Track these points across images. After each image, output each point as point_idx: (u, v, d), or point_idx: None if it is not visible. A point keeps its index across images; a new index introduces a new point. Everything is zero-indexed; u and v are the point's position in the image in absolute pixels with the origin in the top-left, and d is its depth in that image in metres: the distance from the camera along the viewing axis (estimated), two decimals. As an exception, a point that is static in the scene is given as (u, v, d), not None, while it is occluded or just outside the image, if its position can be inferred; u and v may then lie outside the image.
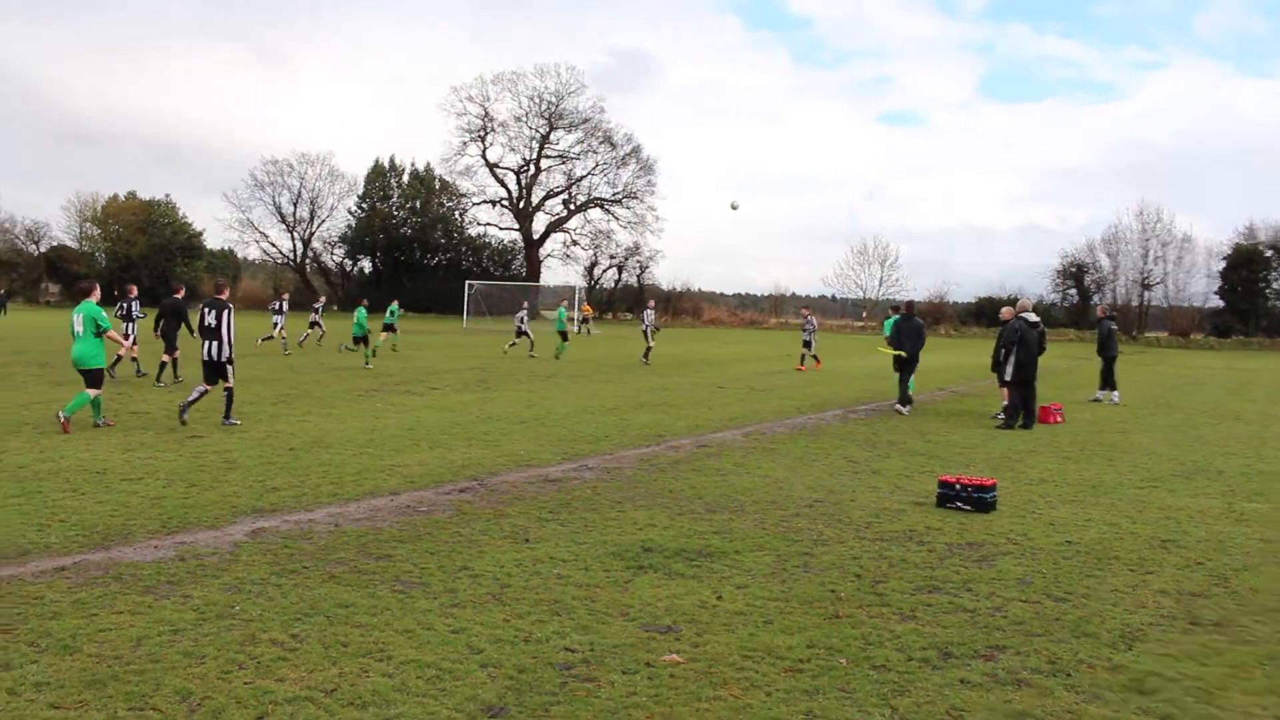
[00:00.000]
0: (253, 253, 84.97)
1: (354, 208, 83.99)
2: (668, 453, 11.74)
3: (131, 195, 79.52)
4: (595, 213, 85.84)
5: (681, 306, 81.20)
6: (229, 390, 13.18)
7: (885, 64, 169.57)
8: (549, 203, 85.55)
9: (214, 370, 13.19)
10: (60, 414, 11.99)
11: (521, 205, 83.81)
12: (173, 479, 9.13)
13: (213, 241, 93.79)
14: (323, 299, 31.28)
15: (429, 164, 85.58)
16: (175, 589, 5.91)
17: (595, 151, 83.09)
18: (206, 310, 13.25)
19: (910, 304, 18.17)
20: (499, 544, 7.15)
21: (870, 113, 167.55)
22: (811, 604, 6.02)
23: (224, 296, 13.45)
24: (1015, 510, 8.95)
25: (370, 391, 17.69)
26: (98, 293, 12.79)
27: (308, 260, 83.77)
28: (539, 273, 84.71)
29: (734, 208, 46.98)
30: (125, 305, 19.68)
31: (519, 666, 4.90)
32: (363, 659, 4.92)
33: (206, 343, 13.16)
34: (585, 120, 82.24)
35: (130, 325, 19.56)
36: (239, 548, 6.84)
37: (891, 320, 18.82)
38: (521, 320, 31.56)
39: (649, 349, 30.01)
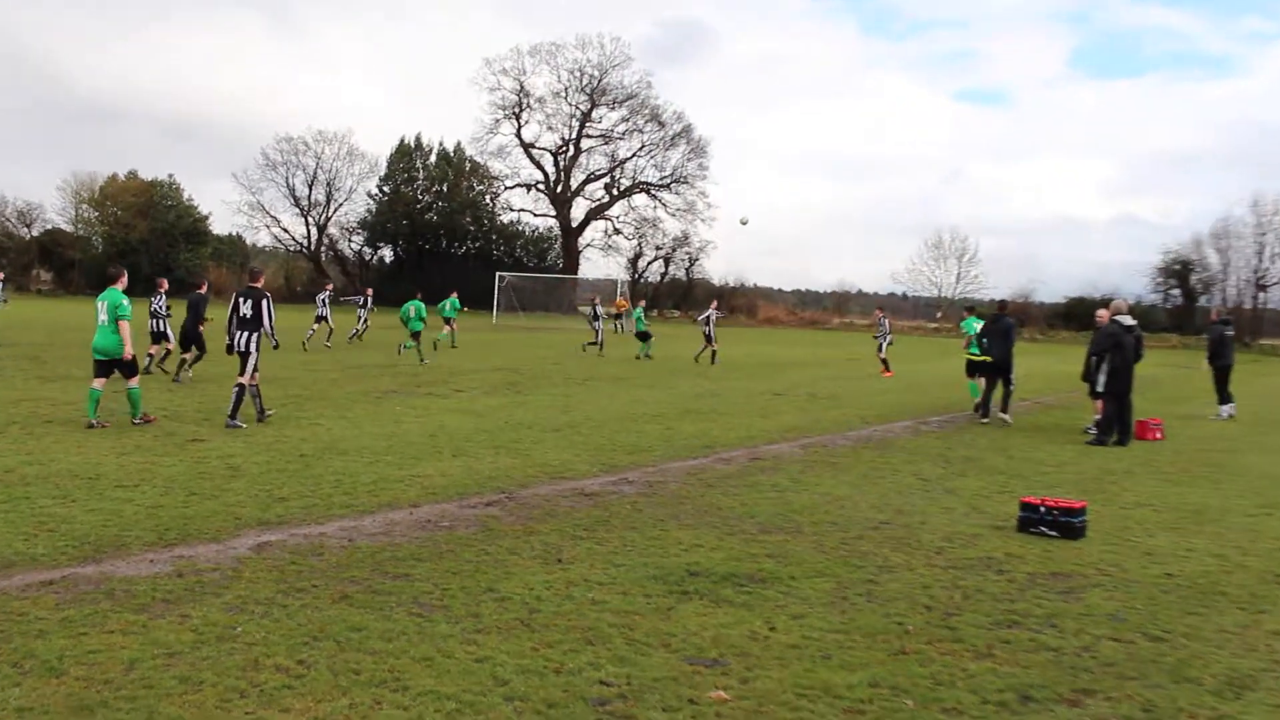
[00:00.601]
0: (263, 239, 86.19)
1: (375, 191, 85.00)
2: (717, 466, 11.70)
3: (132, 175, 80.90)
4: (640, 199, 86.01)
5: (735, 304, 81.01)
6: (241, 387, 13.41)
7: (965, 36, 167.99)
8: (589, 187, 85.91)
9: (241, 359, 13.58)
10: (134, 420, 12.87)
11: (559, 190, 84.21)
12: (171, 486, 9.26)
13: (220, 226, 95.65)
14: (330, 287, 31.60)
15: (458, 143, 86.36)
16: (172, 607, 5.98)
17: (641, 131, 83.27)
18: (242, 300, 13.60)
19: (1002, 303, 18.03)
20: (528, 564, 7.15)
21: (948, 89, 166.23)
22: (875, 637, 5.96)
23: (260, 285, 13.87)
24: (1107, 537, 8.80)
25: (389, 393, 17.83)
26: (124, 279, 13.20)
27: (323, 248, 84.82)
28: (577, 264, 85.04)
29: (743, 223, 46.64)
30: (155, 301, 20.11)
31: (548, 701, 4.89)
32: (376, 689, 4.94)
33: (240, 334, 13.49)
34: (631, 96, 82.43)
35: (158, 322, 19.97)
36: (242, 563, 6.91)
37: (970, 321, 18.67)
38: (594, 317, 32.38)
39: (713, 351, 30.21)
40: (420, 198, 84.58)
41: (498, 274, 65.68)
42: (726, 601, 6.52)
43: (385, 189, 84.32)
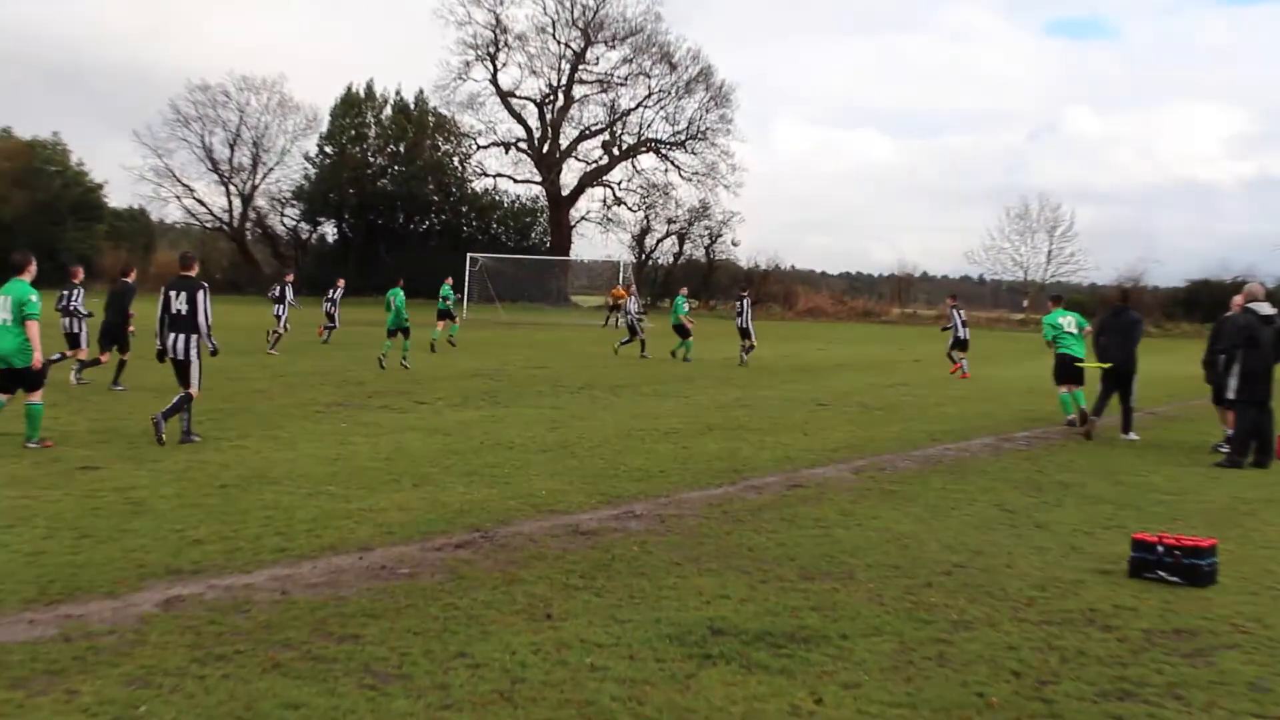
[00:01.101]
0: (173, 213, 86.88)
1: (314, 152, 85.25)
2: (747, 495, 11.67)
3: (7, 133, 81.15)
4: (648, 160, 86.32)
5: (768, 291, 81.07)
6: (186, 396, 13.82)
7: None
8: (583, 146, 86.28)
9: (176, 369, 13.92)
10: (28, 443, 12.92)
11: (545, 150, 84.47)
12: (57, 527, 9.22)
13: (118, 198, 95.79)
14: (290, 276, 31.95)
15: (419, 92, 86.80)
16: (57, 681, 5.94)
17: (648, 75, 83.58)
18: (174, 294, 13.83)
19: (1124, 291, 18.01)
20: (510, 621, 7.12)
21: (1038, 21, 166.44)
22: (949, 712, 5.91)
23: (194, 273, 14.10)
24: (1244, 584, 8.74)
25: (333, 407, 17.83)
26: (33, 268, 13.26)
27: (248, 224, 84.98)
28: (569, 243, 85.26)
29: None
30: (67, 295, 20.34)
31: (534, 796, 4.85)
32: (315, 782, 4.90)
33: (173, 336, 13.81)
34: (635, 32, 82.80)
35: (72, 321, 20.13)
36: (147, 624, 6.87)
37: (1053, 316, 18.69)
38: (633, 314, 32.69)
39: (749, 347, 30.48)
40: (371, 161, 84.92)
41: (468, 255, 65.76)
42: (760, 667, 6.47)
43: (327, 150, 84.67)
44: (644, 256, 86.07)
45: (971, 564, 9.05)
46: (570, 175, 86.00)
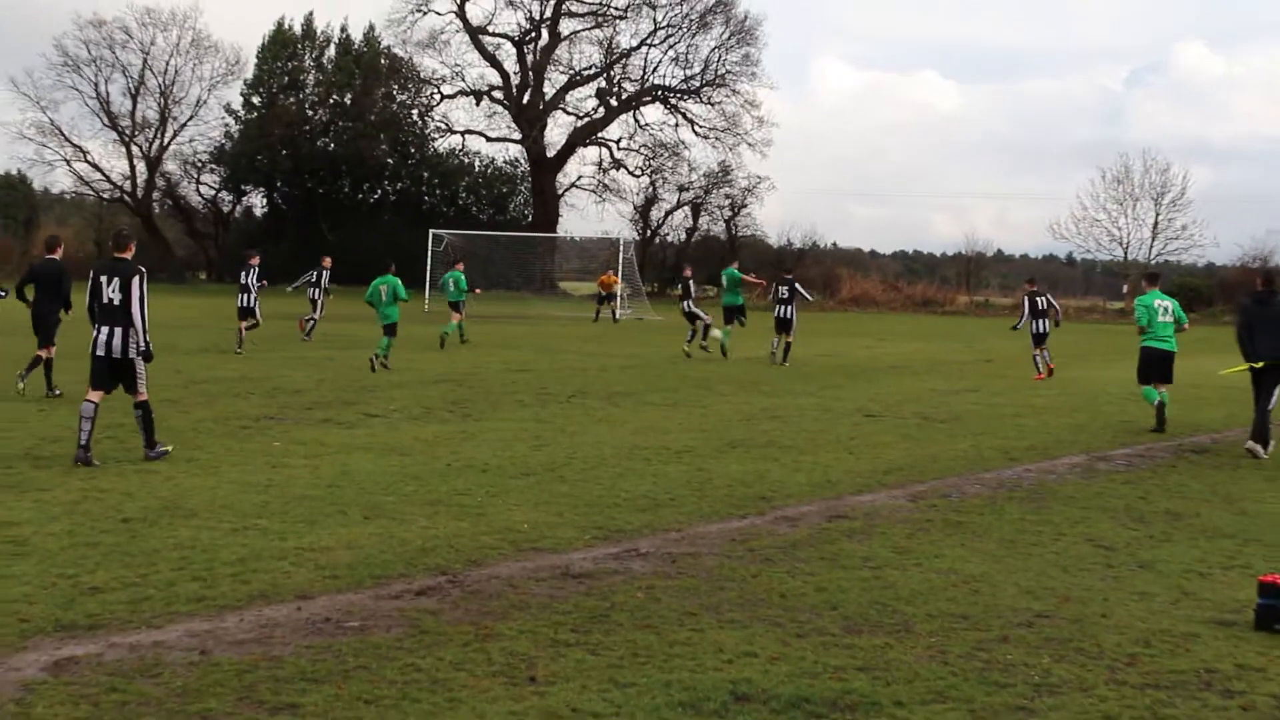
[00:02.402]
0: (60, 180, 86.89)
1: (237, 105, 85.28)
2: (778, 529, 11.68)
3: None
4: (654, 112, 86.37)
5: (805, 275, 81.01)
6: (143, 406, 14.09)
7: None
8: (573, 95, 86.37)
9: (114, 372, 14.04)
10: None
11: (526, 99, 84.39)
12: (-73, 569, 9.25)
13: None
14: (256, 259, 32.06)
15: (369, 28, 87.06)
16: (-73, 759, 5.96)
17: (654, 6, 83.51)
18: (105, 279, 13.98)
19: (1269, 275, 17.94)
20: (484, 686, 7.13)
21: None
22: (1032, 799, 5.91)
23: (129, 255, 14.23)
24: (1397, 635, 8.72)
25: (263, 421, 17.83)
26: None
27: (156, 194, 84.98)
28: (556, 216, 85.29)
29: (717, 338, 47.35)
30: None
31: None
32: None
33: (105, 330, 13.95)
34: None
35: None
36: (32, 692, 6.88)
37: (1148, 297, 18.78)
38: (689, 303, 33.18)
39: (788, 344, 30.68)
40: (309, 114, 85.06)
41: (431, 232, 65.59)
42: (796, 742, 6.47)
43: (254, 101, 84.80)
44: (649, 233, 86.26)
45: (1057, 613, 9.05)
46: (557, 132, 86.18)
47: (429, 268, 62.43)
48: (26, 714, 6.55)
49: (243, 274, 31.66)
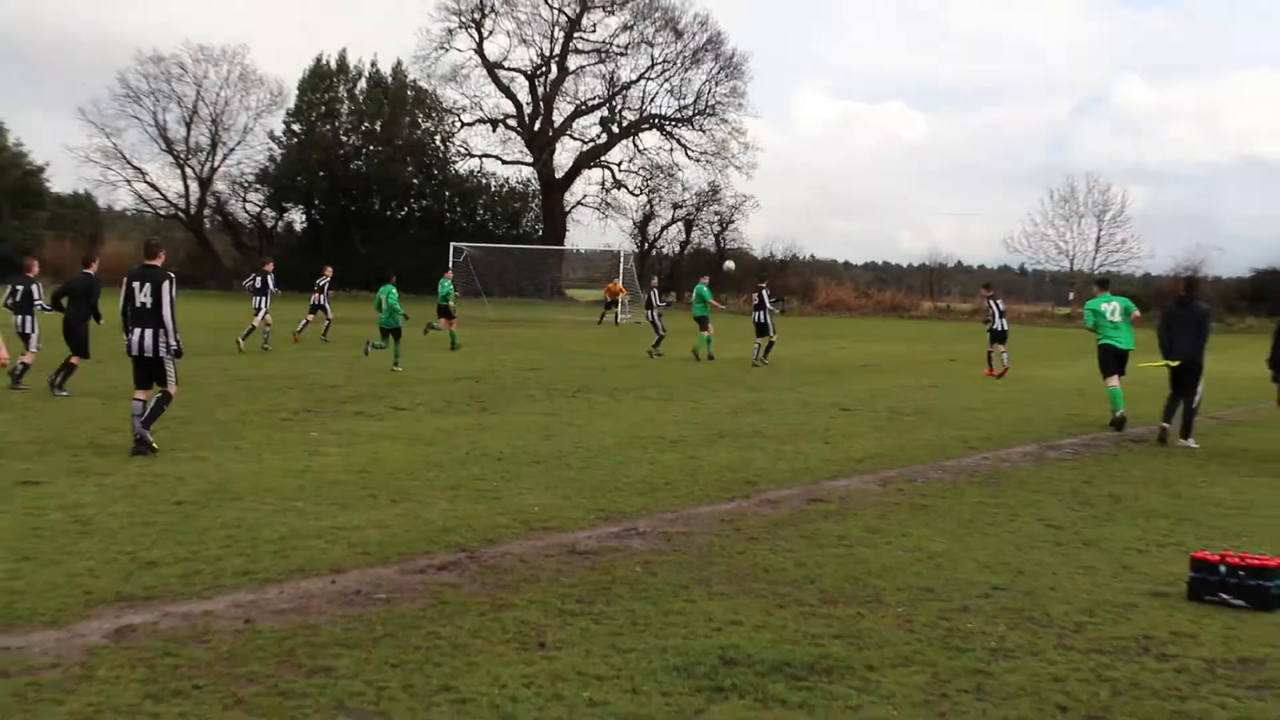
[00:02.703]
0: (123, 199, 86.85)
1: (280, 131, 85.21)
2: (762, 510, 11.66)
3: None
4: (651, 138, 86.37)
5: (786, 283, 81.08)
6: (166, 396, 14.10)
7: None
8: (579, 123, 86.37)
9: (147, 369, 14.10)
10: None
11: (537, 127, 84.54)
12: None
13: (61, 182, 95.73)
14: (269, 265, 32.16)
15: (397, 63, 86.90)
16: (-1, 717, 5.94)
17: (650, 43, 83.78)
18: (137, 285, 13.98)
19: (1190, 281, 17.98)
20: (499, 651, 7.11)
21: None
22: (989, 752, 5.89)
23: (159, 262, 14.21)
24: (1316, 606, 8.71)
25: (301, 413, 17.81)
26: None
27: (207, 211, 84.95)
28: (564, 231, 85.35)
29: (728, 269, 47.25)
30: (21, 289, 20.80)
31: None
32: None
33: (138, 331, 13.98)
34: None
35: (24, 320, 20.41)
36: (95, 656, 6.87)
37: (1096, 301, 18.86)
38: (653, 313, 33.46)
39: (770, 343, 30.80)
40: (344, 140, 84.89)
41: (452, 245, 65.59)
42: (777, 701, 6.46)
43: (295, 128, 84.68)
44: (647, 245, 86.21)
45: (1012, 586, 9.04)
46: (565, 155, 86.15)
47: (451, 277, 62.34)
48: (90, 675, 6.53)
49: (255, 279, 31.71)
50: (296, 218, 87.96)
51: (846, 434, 17.53)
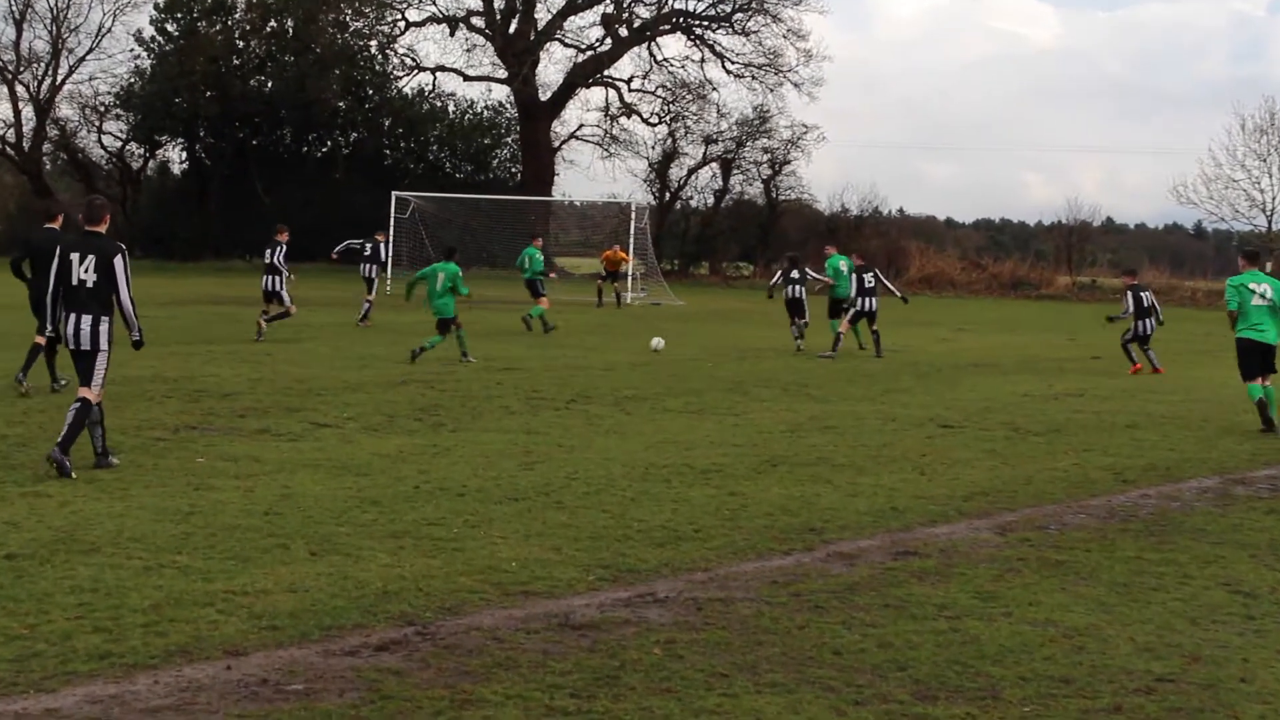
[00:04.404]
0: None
1: (149, 34, 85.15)
2: (831, 568, 11.68)
3: None
4: (675, 44, 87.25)
5: (864, 248, 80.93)
6: (85, 404, 14.53)
7: None
8: (572, 23, 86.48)
9: (85, 364, 14.73)
10: None
11: (514, 28, 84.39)
12: None
13: None
14: (285, 234, 33.81)
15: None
16: None
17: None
18: (76, 257, 14.48)
19: None
20: (459, 766, 7.13)
21: None
22: None
23: (103, 228, 14.80)
24: None
25: (185, 431, 17.83)
26: None
27: (47, 145, 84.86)
28: (551, 175, 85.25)
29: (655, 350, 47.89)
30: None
31: None
32: None
33: (73, 317, 14.53)
34: None
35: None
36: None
37: (1243, 278, 19.12)
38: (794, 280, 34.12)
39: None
40: (240, 46, 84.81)
41: (394, 194, 65.48)
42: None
43: (170, 29, 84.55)
44: (669, 196, 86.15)
45: (1184, 677, 9.04)
46: (552, 70, 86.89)
47: (391, 238, 62.25)
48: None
49: (268, 252, 33.66)
50: (174, 156, 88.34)
51: (949, 461, 17.56)
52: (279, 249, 33.23)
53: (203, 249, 77.65)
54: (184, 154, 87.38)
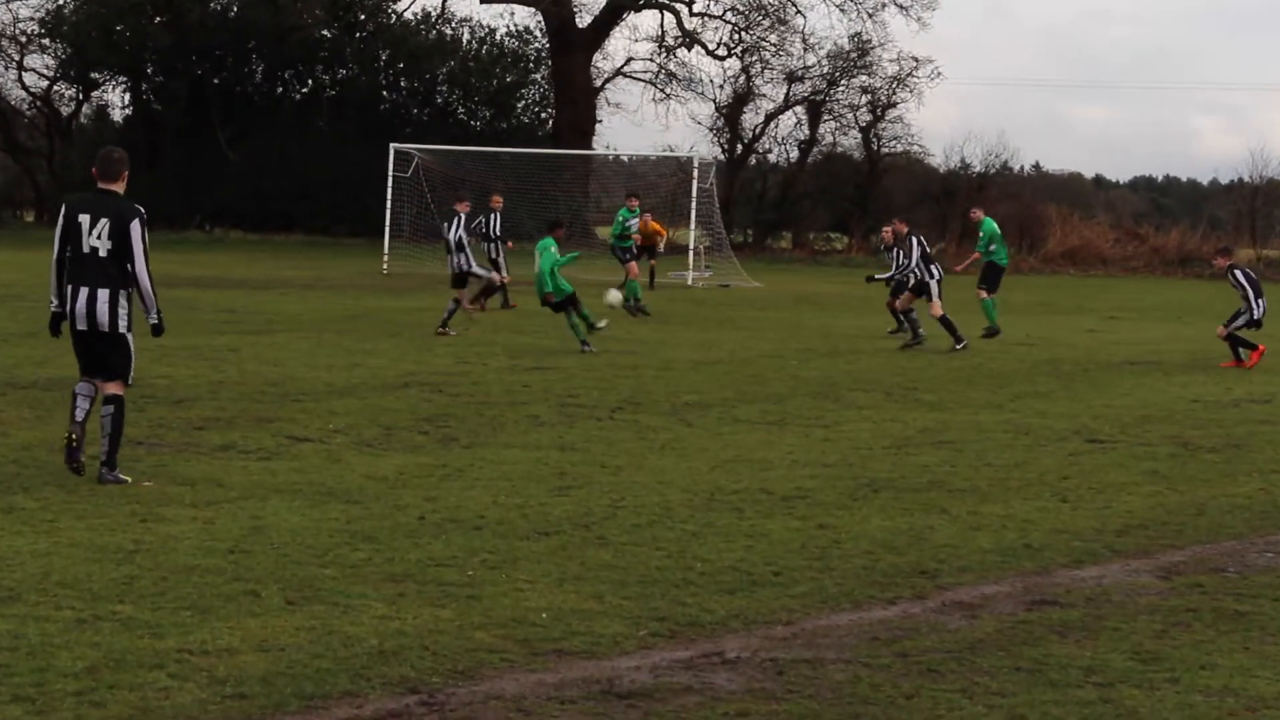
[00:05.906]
0: None
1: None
2: (948, 621, 11.67)
3: None
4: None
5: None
6: (117, 403, 15.07)
7: None
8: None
9: (98, 352, 15.15)
10: None
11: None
12: None
13: None
14: (466, 205, 34.75)
15: None
16: None
17: None
18: (86, 220, 14.74)
19: None
20: None
21: None
22: None
23: (120, 187, 15.08)
24: None
25: (129, 447, 17.89)
26: None
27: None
28: (592, 123, 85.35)
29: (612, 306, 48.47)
30: None
31: None
32: None
33: (84, 292, 14.79)
34: None
35: None
36: None
37: None
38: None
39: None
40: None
41: (392, 147, 65.52)
42: None
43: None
44: (740, 149, 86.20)
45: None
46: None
47: (389, 202, 62.43)
48: None
49: (446, 226, 34.94)
50: (114, 99, 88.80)
51: (1098, 485, 17.52)
52: (457, 221, 34.08)
53: (152, 217, 77.29)
54: (127, 96, 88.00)
